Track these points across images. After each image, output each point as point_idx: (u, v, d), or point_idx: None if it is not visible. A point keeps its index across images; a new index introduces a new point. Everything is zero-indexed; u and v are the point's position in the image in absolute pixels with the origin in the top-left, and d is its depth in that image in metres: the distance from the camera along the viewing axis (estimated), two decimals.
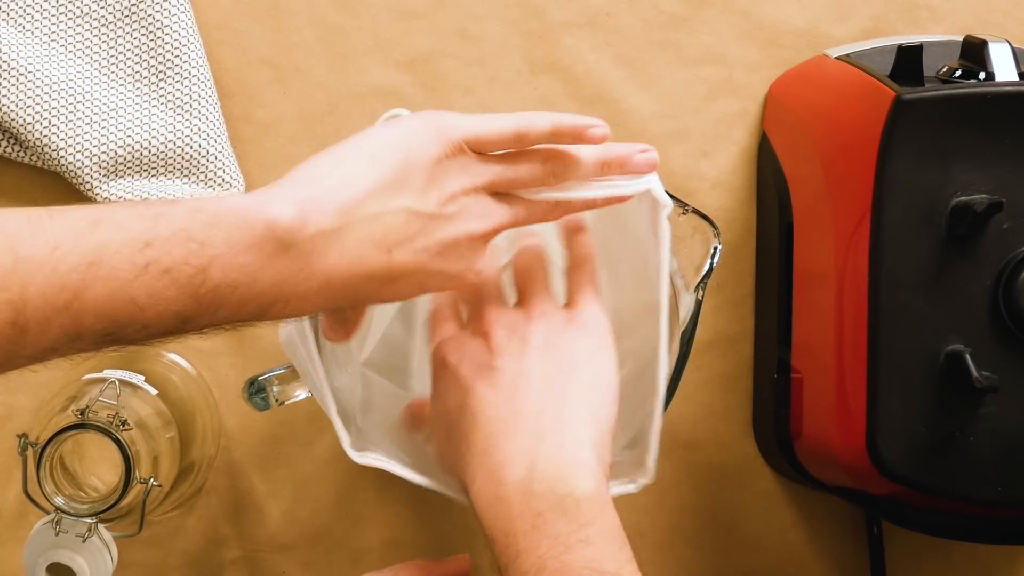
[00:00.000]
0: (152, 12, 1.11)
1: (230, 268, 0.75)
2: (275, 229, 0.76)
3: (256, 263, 0.75)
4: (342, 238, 0.79)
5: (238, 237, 0.75)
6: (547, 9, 1.16)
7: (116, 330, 0.74)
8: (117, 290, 0.73)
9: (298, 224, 0.77)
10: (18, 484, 1.00)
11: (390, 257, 0.80)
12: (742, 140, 1.16)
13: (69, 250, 0.72)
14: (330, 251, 0.78)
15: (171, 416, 1.05)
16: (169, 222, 0.74)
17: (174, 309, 0.74)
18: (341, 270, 0.79)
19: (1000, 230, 0.93)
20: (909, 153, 0.93)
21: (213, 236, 0.75)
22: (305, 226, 0.77)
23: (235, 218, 0.76)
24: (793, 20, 1.16)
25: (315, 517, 1.13)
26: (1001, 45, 0.98)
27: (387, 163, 0.81)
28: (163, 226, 0.74)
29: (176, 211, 0.75)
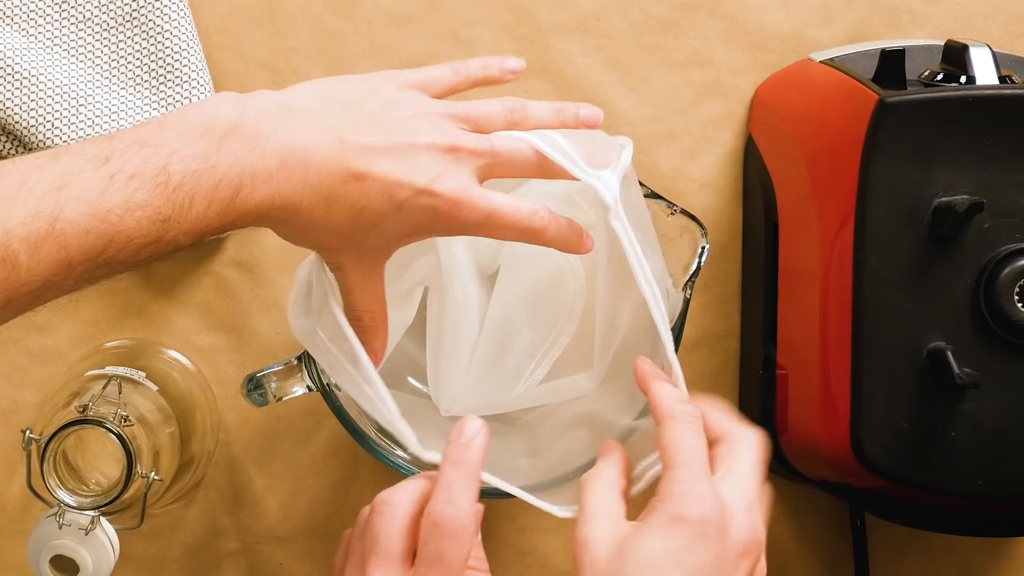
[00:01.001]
0: (152, 17, 1.11)
1: (188, 158, 0.77)
2: (217, 116, 0.79)
3: (210, 148, 0.78)
4: (288, 121, 0.81)
5: (187, 131, 0.78)
6: (539, 14, 1.16)
7: (104, 248, 0.75)
8: (91, 205, 0.74)
9: (238, 108, 0.80)
10: (22, 478, 1.00)
11: (342, 146, 0.82)
12: (729, 142, 1.17)
13: (36, 181, 0.74)
14: (280, 130, 0.80)
15: (171, 412, 1.05)
16: (122, 137, 0.77)
17: (149, 213, 0.75)
18: (295, 149, 0.80)
19: (981, 230, 0.93)
20: (892, 155, 0.93)
21: (164, 136, 0.77)
22: (245, 109, 0.80)
23: (180, 117, 0.79)
24: (779, 24, 1.17)
25: (312, 510, 1.14)
26: (982, 49, 0.99)
27: (337, 92, 0.86)
28: (117, 142, 0.77)
29: (127, 129, 0.78)
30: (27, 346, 1.14)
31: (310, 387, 0.98)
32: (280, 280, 1.14)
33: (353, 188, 0.82)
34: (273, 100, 0.83)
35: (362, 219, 0.83)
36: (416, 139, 0.84)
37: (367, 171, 0.82)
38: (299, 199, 0.81)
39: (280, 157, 0.80)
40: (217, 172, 0.77)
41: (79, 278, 0.77)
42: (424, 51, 1.16)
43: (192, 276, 1.14)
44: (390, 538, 0.82)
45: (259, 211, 0.80)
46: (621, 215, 0.87)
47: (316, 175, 0.81)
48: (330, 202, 0.82)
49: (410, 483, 0.86)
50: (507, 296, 1.01)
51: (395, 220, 0.84)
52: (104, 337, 1.13)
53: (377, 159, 0.83)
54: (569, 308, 1.03)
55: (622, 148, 0.92)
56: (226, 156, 0.78)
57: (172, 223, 0.76)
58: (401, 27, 1.16)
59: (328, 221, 0.83)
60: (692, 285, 0.96)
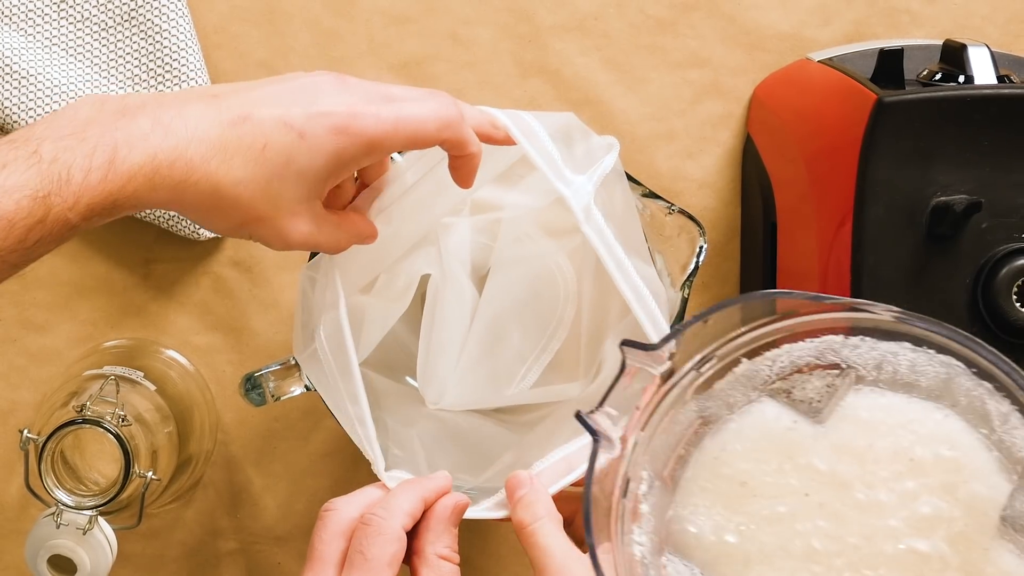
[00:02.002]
0: (151, 17, 1.12)
1: (57, 139, 0.76)
2: (81, 105, 0.79)
3: (78, 127, 0.77)
4: (157, 96, 0.82)
5: (54, 122, 0.77)
6: (537, 14, 1.17)
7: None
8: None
9: (101, 97, 0.80)
10: (20, 478, 1.00)
11: (217, 99, 0.81)
12: (727, 142, 1.17)
13: None
14: (148, 101, 0.80)
15: (169, 411, 1.06)
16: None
17: (27, 192, 0.74)
18: (166, 108, 0.79)
19: (979, 229, 0.93)
20: (890, 154, 0.93)
21: (32, 132, 0.76)
22: (108, 97, 0.80)
23: (47, 117, 0.79)
24: (777, 24, 1.17)
25: (310, 510, 1.14)
26: (980, 49, 0.99)
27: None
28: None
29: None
30: (25, 346, 1.14)
31: (308, 387, 0.98)
32: (278, 280, 1.14)
33: (244, 128, 0.80)
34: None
35: (269, 160, 0.81)
36: (302, 88, 0.84)
37: (250, 112, 0.81)
38: (186, 151, 0.78)
39: (152, 118, 0.78)
40: (89, 142, 0.76)
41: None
42: (422, 51, 1.16)
43: (190, 276, 1.14)
44: (324, 542, 0.84)
45: (146, 174, 0.77)
46: (596, 221, 0.88)
47: (197, 124, 0.79)
48: (224, 148, 0.79)
49: (360, 492, 0.88)
50: (497, 296, 1.01)
51: (305, 154, 0.81)
52: (102, 337, 1.13)
53: (257, 102, 0.82)
54: (560, 314, 1.03)
55: (608, 149, 0.93)
56: (94, 128, 0.76)
57: (54, 198, 0.74)
58: (399, 27, 1.16)
59: (232, 172, 0.80)
60: (690, 285, 0.96)
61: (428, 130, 0.84)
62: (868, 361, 0.77)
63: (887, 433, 0.76)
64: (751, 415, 0.79)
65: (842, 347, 0.77)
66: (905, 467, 0.75)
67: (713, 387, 0.79)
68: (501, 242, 1.01)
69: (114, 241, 1.14)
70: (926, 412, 0.76)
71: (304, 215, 0.84)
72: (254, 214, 0.82)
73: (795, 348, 0.78)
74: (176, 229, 1.11)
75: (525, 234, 1.02)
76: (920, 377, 0.76)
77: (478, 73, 1.16)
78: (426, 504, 0.87)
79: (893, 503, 0.74)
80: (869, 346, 0.77)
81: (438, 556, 0.85)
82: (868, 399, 0.77)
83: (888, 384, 0.77)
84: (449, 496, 0.87)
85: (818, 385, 0.78)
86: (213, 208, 0.81)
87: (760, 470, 0.78)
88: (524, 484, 0.88)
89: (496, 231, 1.02)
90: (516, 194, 1.00)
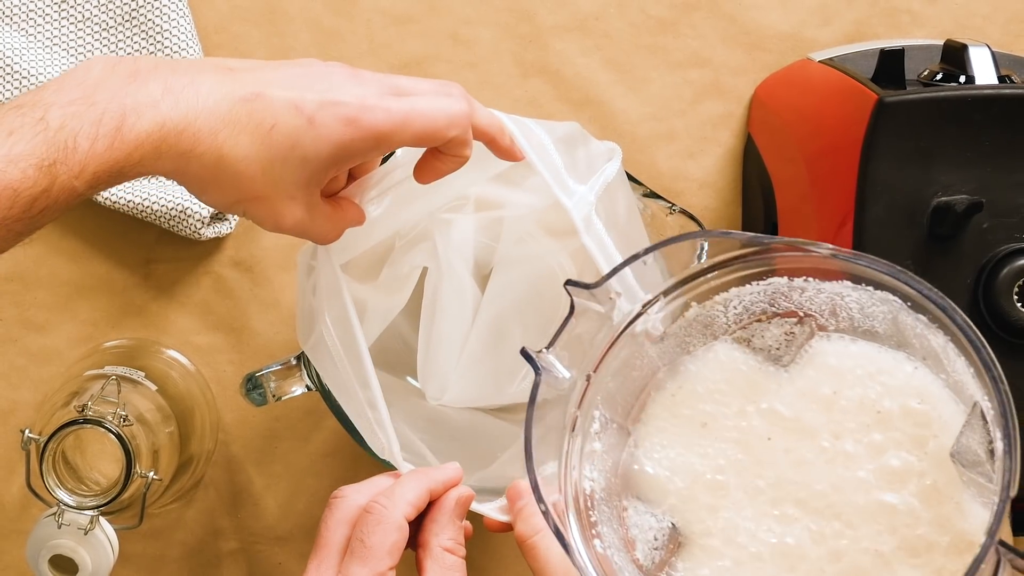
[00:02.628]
0: (152, 16, 1.12)
1: (66, 104, 0.75)
2: (92, 65, 0.78)
3: (88, 91, 0.76)
4: (170, 62, 0.81)
5: (63, 84, 0.77)
6: (538, 14, 1.17)
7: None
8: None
9: (112, 58, 0.80)
10: (21, 478, 1.00)
11: (232, 73, 0.81)
12: (728, 142, 1.17)
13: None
14: (160, 66, 0.79)
15: (170, 411, 1.06)
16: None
17: (33, 161, 0.73)
18: (179, 75, 0.79)
19: (980, 230, 0.93)
20: (891, 154, 0.93)
21: (40, 96, 0.76)
22: (120, 59, 0.79)
23: (57, 79, 0.78)
24: (777, 24, 1.17)
25: (311, 509, 1.14)
26: (981, 49, 0.99)
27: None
28: None
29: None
30: (26, 346, 1.14)
31: (309, 387, 0.99)
32: (279, 280, 1.14)
33: (255, 105, 0.80)
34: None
35: (275, 142, 0.80)
36: (317, 75, 0.83)
37: (262, 90, 0.80)
38: (195, 122, 0.77)
39: (163, 84, 0.77)
40: (97, 108, 0.75)
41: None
42: (423, 51, 1.16)
43: (191, 276, 1.14)
44: (330, 529, 0.84)
45: (153, 142, 0.76)
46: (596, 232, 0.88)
47: (208, 95, 0.78)
48: (234, 123, 0.79)
49: (370, 481, 0.88)
50: (500, 295, 1.01)
51: (312, 140, 0.81)
52: (103, 337, 1.13)
53: (271, 82, 0.81)
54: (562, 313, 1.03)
55: (609, 156, 0.93)
56: (104, 92, 0.76)
57: (60, 167, 0.73)
58: (400, 27, 1.16)
59: (238, 148, 0.79)
60: None
61: (438, 126, 0.84)
62: (822, 307, 0.78)
63: (855, 383, 0.77)
64: (711, 357, 0.81)
65: (790, 291, 0.78)
66: (872, 419, 0.76)
67: (668, 332, 0.81)
68: (504, 241, 1.01)
69: (115, 241, 1.14)
70: (896, 363, 0.76)
71: (300, 201, 0.84)
72: (252, 193, 0.82)
73: (744, 292, 0.80)
74: (177, 229, 1.11)
75: (528, 234, 1.02)
76: (874, 322, 0.77)
77: (479, 73, 1.16)
78: (433, 495, 0.87)
79: (860, 454, 0.75)
80: (814, 288, 0.78)
81: (442, 548, 0.85)
82: (837, 346, 0.78)
83: (849, 332, 0.78)
84: (455, 489, 0.88)
85: (776, 333, 0.80)
86: (213, 181, 0.81)
87: (721, 412, 0.79)
88: (524, 495, 0.88)
89: (498, 230, 1.02)
90: (520, 193, 1.00)
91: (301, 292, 0.94)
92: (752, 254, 0.77)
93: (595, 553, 0.76)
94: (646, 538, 0.78)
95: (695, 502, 0.78)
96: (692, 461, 0.79)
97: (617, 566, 0.76)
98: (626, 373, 0.81)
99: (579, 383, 0.79)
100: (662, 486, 0.79)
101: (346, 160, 0.83)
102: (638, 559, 0.78)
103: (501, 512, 0.90)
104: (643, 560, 0.78)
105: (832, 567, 0.74)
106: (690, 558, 0.77)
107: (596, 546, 0.76)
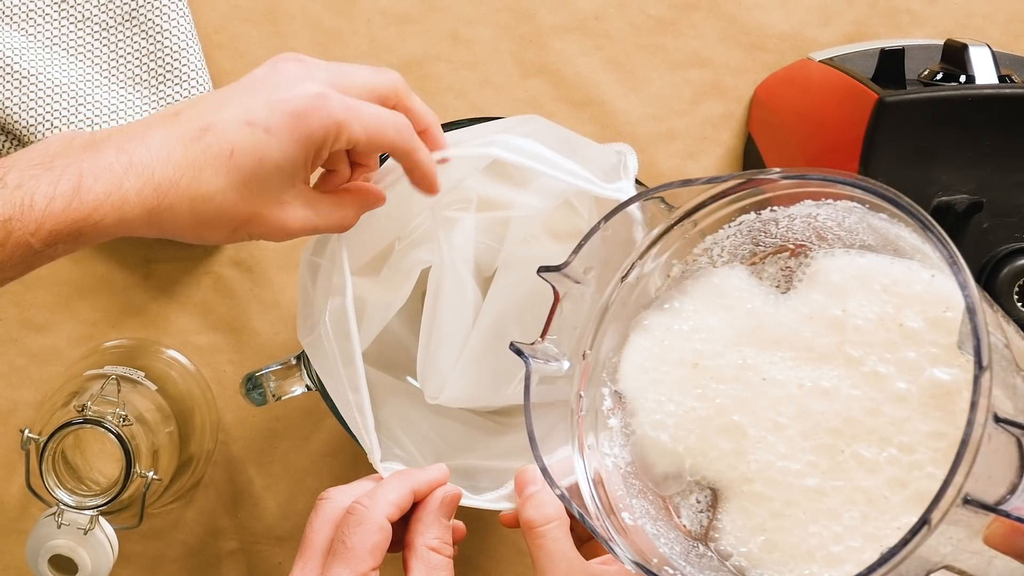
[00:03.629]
0: (152, 16, 1.12)
1: (25, 167, 0.76)
2: (52, 141, 0.78)
3: (47, 159, 0.77)
4: (123, 126, 0.81)
5: (24, 155, 0.78)
6: (538, 14, 1.17)
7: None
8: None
9: (70, 132, 0.80)
10: (21, 478, 1.01)
11: (178, 116, 0.81)
12: (728, 141, 1.18)
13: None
14: (114, 132, 0.80)
15: (170, 411, 1.06)
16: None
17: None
18: (131, 136, 0.79)
19: (980, 229, 0.94)
20: (892, 154, 0.93)
21: (3, 162, 0.77)
22: (78, 132, 0.80)
23: (19, 152, 0.78)
24: (778, 24, 1.17)
25: (311, 509, 1.12)
26: (981, 49, 1.00)
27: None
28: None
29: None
30: (26, 346, 1.14)
31: (309, 386, 0.99)
32: (279, 280, 1.14)
33: (208, 139, 0.79)
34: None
35: (239, 165, 0.80)
36: (258, 82, 0.83)
37: (210, 121, 0.80)
38: (152, 178, 0.78)
39: (116, 148, 0.78)
40: (55, 171, 0.75)
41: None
42: (423, 51, 1.16)
43: (191, 276, 1.14)
44: (314, 530, 0.85)
45: (113, 203, 0.76)
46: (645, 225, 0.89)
47: (160, 148, 0.78)
48: (190, 164, 0.79)
49: (356, 483, 0.89)
50: (502, 296, 1.01)
51: (276, 147, 0.81)
52: (103, 337, 1.13)
53: (214, 109, 0.81)
54: None
55: (623, 155, 0.93)
56: (62, 159, 0.76)
57: (15, 223, 0.74)
58: (400, 27, 1.16)
59: (204, 185, 0.79)
60: None
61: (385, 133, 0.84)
62: (807, 234, 0.75)
63: (868, 300, 0.72)
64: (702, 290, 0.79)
65: (764, 224, 0.76)
66: (899, 335, 0.71)
67: (657, 296, 0.80)
68: (509, 242, 1.01)
69: (115, 241, 1.14)
70: (911, 272, 0.72)
71: (294, 202, 0.84)
72: (242, 218, 0.82)
73: (720, 237, 0.78)
74: None
75: (532, 236, 1.02)
76: (860, 236, 0.74)
77: (479, 73, 1.16)
78: (418, 496, 0.87)
79: (894, 374, 0.71)
80: (784, 215, 0.75)
81: (427, 547, 0.85)
82: (841, 260, 0.74)
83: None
84: (440, 488, 0.88)
85: (772, 271, 0.77)
86: (199, 225, 0.81)
87: (713, 351, 0.77)
88: (536, 481, 0.88)
89: (501, 232, 1.02)
90: (526, 195, 0.99)
91: (303, 289, 0.94)
92: (712, 198, 0.76)
93: (623, 526, 0.75)
94: (688, 503, 0.77)
95: (715, 451, 0.75)
96: (693, 406, 0.77)
97: (651, 534, 0.76)
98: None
99: (579, 364, 0.79)
100: (672, 449, 0.77)
101: (317, 152, 0.83)
102: (683, 525, 0.76)
103: (501, 500, 0.90)
104: (690, 526, 0.76)
105: (897, 496, 0.69)
106: (738, 513, 0.74)
107: (625, 519, 0.76)
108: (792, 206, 0.75)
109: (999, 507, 0.61)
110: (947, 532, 0.62)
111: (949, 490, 0.59)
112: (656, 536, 0.75)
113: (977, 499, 0.60)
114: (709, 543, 0.75)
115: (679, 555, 0.75)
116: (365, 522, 0.83)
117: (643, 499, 0.77)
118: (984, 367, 0.59)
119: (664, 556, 0.75)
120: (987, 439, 0.60)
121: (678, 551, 0.75)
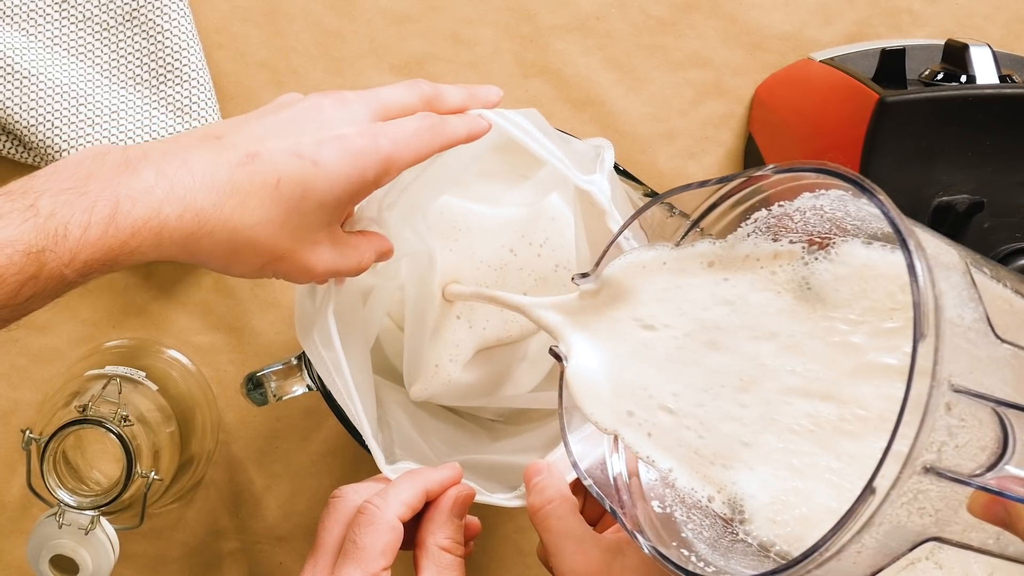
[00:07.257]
0: (152, 16, 1.12)
1: (57, 192, 0.72)
2: (83, 158, 0.75)
3: (80, 182, 0.73)
4: (158, 143, 0.79)
5: (54, 174, 0.74)
6: (538, 14, 1.17)
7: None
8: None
9: (104, 149, 0.77)
10: (22, 478, 1.01)
11: (220, 141, 0.79)
12: (729, 142, 1.18)
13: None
14: (150, 151, 0.77)
15: (171, 411, 1.06)
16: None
17: (20, 248, 0.70)
18: (170, 158, 0.76)
19: (981, 229, 0.94)
20: (892, 154, 0.93)
21: (31, 183, 0.73)
22: (111, 148, 0.77)
23: (48, 168, 0.75)
24: (778, 24, 1.17)
25: (312, 510, 1.14)
26: (982, 49, 0.99)
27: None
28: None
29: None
30: (27, 346, 1.14)
31: (310, 386, 0.99)
32: (279, 280, 1.14)
33: (255, 167, 0.77)
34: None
35: (284, 196, 0.78)
36: (304, 114, 0.82)
37: (256, 149, 0.78)
38: (195, 202, 0.75)
39: (156, 170, 0.74)
40: (89, 196, 0.72)
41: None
42: (423, 51, 1.16)
43: (192, 276, 1.14)
44: (326, 529, 0.85)
45: (152, 229, 0.74)
46: (616, 217, 0.88)
47: (203, 171, 0.76)
48: (235, 191, 0.77)
49: (369, 481, 0.89)
50: None
51: (323, 182, 0.79)
52: (104, 337, 1.13)
53: (262, 137, 0.79)
54: None
55: (601, 149, 0.93)
56: (95, 183, 0.73)
57: (48, 254, 0.70)
58: (401, 27, 1.16)
59: (248, 214, 0.77)
60: None
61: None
62: (825, 226, 0.74)
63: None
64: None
65: (779, 220, 0.76)
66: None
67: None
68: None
69: None
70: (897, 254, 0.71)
71: (325, 243, 0.83)
72: (276, 253, 0.80)
73: (738, 236, 0.78)
74: None
75: None
76: (869, 223, 0.73)
77: (479, 73, 1.16)
78: (430, 495, 0.87)
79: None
80: (794, 209, 0.75)
81: (439, 547, 0.85)
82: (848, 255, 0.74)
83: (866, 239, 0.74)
84: (453, 487, 0.88)
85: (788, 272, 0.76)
86: (232, 255, 0.78)
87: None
88: (541, 471, 0.88)
89: None
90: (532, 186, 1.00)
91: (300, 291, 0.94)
92: (721, 199, 0.77)
93: (651, 514, 0.76)
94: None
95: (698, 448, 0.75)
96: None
97: (679, 521, 0.76)
98: None
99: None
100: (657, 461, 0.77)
101: (361, 191, 0.82)
102: (716, 511, 0.76)
103: (515, 499, 0.91)
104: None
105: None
106: (750, 483, 0.73)
107: (654, 507, 0.76)
108: (794, 201, 0.75)
109: (972, 478, 0.61)
110: (919, 501, 0.62)
111: (888, 459, 0.59)
112: (683, 523, 0.75)
113: (939, 468, 0.60)
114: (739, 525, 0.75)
115: (706, 540, 0.75)
116: (376, 522, 0.83)
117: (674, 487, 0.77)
118: (923, 335, 0.60)
119: (686, 540, 0.75)
120: (945, 408, 0.60)
121: (706, 536, 0.75)
